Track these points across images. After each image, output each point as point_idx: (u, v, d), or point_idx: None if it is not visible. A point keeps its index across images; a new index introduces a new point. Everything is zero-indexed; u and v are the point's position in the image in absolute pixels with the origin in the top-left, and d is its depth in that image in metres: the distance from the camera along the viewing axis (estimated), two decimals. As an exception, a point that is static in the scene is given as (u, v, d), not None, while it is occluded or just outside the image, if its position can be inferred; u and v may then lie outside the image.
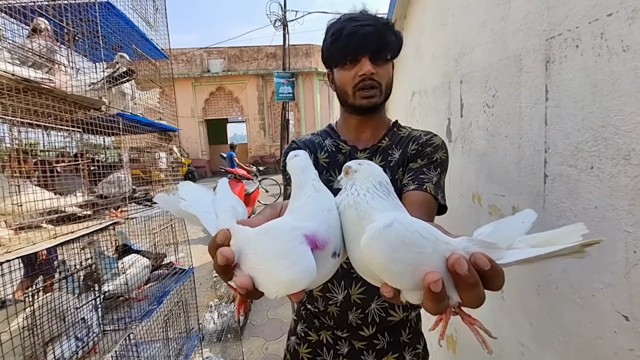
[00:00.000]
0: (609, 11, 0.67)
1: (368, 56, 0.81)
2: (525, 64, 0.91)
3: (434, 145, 0.89)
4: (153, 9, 1.51)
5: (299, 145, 0.97)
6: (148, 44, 1.49)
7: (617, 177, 0.68)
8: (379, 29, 0.80)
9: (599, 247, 0.74)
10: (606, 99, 0.69)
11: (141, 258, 1.43)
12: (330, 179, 0.92)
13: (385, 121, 0.97)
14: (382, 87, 0.84)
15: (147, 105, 1.60)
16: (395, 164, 0.89)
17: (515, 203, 1.01)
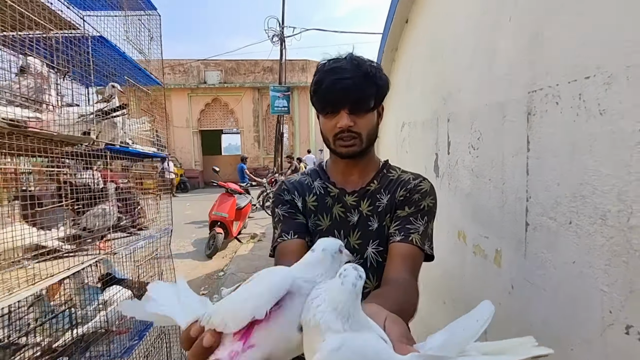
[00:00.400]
0: (587, 74, 0.69)
1: (347, 109, 0.82)
2: (508, 113, 0.93)
3: (422, 192, 0.88)
4: (148, 38, 1.52)
5: (289, 187, 0.96)
6: (141, 72, 1.50)
7: (594, 235, 0.69)
8: (357, 81, 0.80)
9: (577, 301, 0.75)
10: (584, 158, 0.70)
11: (124, 290, 1.38)
12: (319, 223, 0.91)
13: (374, 162, 0.97)
14: (363, 136, 0.84)
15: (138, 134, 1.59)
16: (383, 209, 0.88)
17: (499, 246, 1.02)
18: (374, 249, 0.88)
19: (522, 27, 0.87)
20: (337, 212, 0.91)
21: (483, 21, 1.04)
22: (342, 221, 0.91)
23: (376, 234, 0.88)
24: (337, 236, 0.89)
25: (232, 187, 6.73)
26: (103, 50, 1.23)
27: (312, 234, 0.91)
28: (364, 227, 0.89)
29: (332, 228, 0.91)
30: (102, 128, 1.19)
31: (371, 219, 0.89)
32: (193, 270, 5.19)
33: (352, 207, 0.91)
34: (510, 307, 0.96)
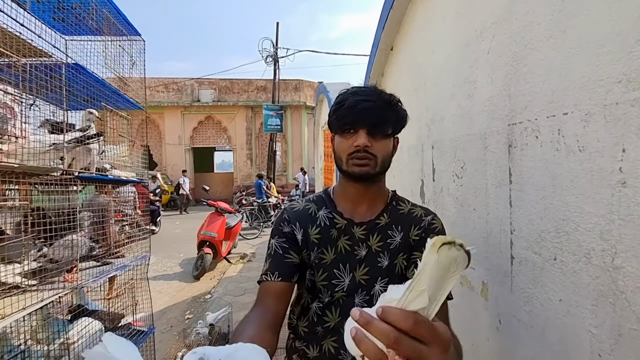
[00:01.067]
0: (565, 110, 0.69)
1: (365, 129, 0.82)
2: (490, 144, 0.92)
3: (436, 232, 0.87)
4: (129, 63, 1.51)
5: (290, 217, 0.92)
6: (121, 97, 1.47)
7: (579, 273, 0.67)
8: (379, 105, 0.82)
9: (566, 342, 0.72)
10: (565, 194, 0.69)
11: (95, 322, 1.30)
12: (322, 257, 0.88)
13: (383, 193, 0.94)
14: (378, 159, 0.83)
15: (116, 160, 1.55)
16: (396, 248, 0.86)
17: (485, 279, 0.99)
18: (382, 287, 0.85)
19: (501, 61, 0.88)
20: (343, 245, 0.88)
21: (463, 53, 1.05)
22: (348, 255, 0.87)
23: (386, 272, 0.85)
24: (342, 270, 0.87)
25: (222, 206, 6.63)
26: (80, 76, 1.20)
27: (315, 267, 0.88)
28: (373, 263, 0.86)
29: (337, 262, 0.87)
30: (75, 155, 1.15)
31: (381, 255, 0.86)
32: (179, 293, 5.01)
33: (360, 240, 0.88)
34: (498, 343, 0.93)
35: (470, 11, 1.03)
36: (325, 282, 0.86)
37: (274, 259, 0.89)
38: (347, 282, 0.85)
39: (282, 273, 0.86)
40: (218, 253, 5.94)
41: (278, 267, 0.87)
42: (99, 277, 1.25)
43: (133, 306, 1.55)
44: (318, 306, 0.87)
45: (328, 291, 0.86)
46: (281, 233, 0.91)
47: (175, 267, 6.33)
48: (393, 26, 1.61)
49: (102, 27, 1.36)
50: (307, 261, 0.89)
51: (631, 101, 0.57)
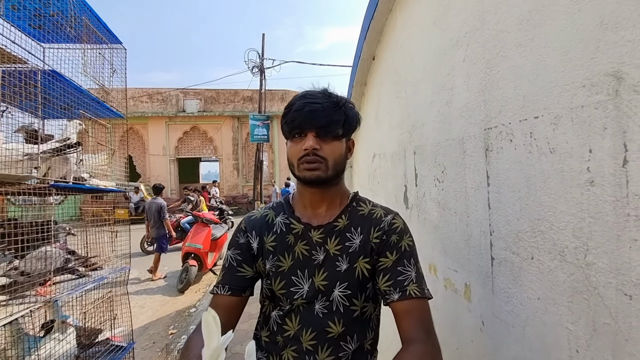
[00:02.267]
0: (536, 114, 0.72)
1: (313, 132, 0.81)
2: (468, 148, 0.95)
3: (398, 232, 0.84)
4: (110, 71, 1.50)
5: (247, 226, 0.91)
6: (101, 105, 1.45)
7: (555, 271, 0.69)
8: (326, 107, 0.81)
9: (545, 339, 0.73)
10: (539, 194, 0.71)
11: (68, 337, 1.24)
12: (279, 264, 0.85)
13: (343, 195, 0.92)
14: (329, 162, 0.82)
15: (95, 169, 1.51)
16: (356, 251, 0.84)
17: (468, 281, 1.00)
18: (341, 292, 0.82)
19: (475, 68, 0.91)
20: (301, 250, 0.86)
21: (441, 61, 1.09)
22: (306, 260, 0.85)
23: (345, 276, 0.82)
24: (300, 277, 0.84)
25: (208, 217, 6.53)
26: (57, 84, 1.18)
27: (273, 275, 0.85)
28: (331, 267, 0.84)
29: (294, 268, 0.85)
30: (51, 164, 1.12)
31: (339, 259, 0.84)
32: (162, 307, 4.87)
33: (318, 244, 0.85)
34: (482, 344, 0.94)
35: (446, 22, 1.07)
36: (284, 290, 0.84)
37: (227, 272, 0.88)
38: (306, 288, 0.83)
39: (232, 287, 0.86)
40: (203, 265, 5.82)
41: (229, 281, 0.87)
42: (74, 290, 1.20)
43: (111, 320, 1.49)
44: (278, 314, 0.86)
45: (287, 299, 0.84)
46: (237, 244, 0.89)
47: (158, 281, 6.15)
48: (374, 36, 1.65)
49: (81, 34, 1.35)
50: (263, 270, 0.87)
51: (595, 104, 0.60)
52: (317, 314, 0.82)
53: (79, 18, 1.29)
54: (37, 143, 1.09)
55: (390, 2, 1.45)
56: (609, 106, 0.57)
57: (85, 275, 1.33)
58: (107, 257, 1.51)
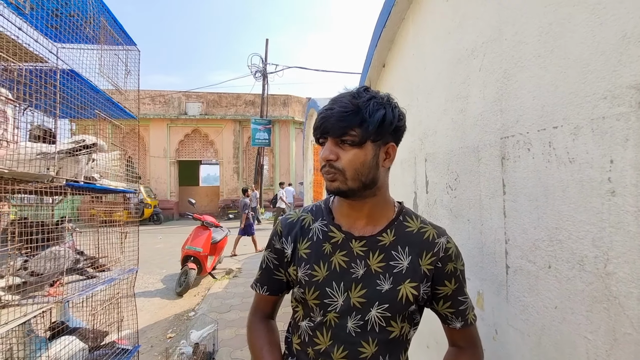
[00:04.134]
0: (555, 124, 0.73)
1: (332, 140, 0.75)
2: (483, 156, 0.96)
3: (453, 258, 0.80)
4: (124, 72, 1.51)
5: (283, 230, 0.86)
6: (115, 105, 1.46)
7: (573, 280, 0.69)
8: (338, 112, 0.74)
9: (562, 349, 0.73)
10: (558, 203, 0.72)
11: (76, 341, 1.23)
12: (314, 274, 0.79)
13: (386, 207, 0.83)
14: (346, 174, 0.74)
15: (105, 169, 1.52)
16: (402, 273, 0.78)
17: (480, 289, 1.00)
18: (379, 313, 0.76)
19: (492, 78, 0.92)
20: (338, 261, 0.79)
21: (455, 70, 1.10)
22: (343, 272, 0.79)
23: (386, 296, 0.77)
24: (335, 289, 0.78)
25: (208, 220, 6.51)
26: (74, 83, 1.19)
27: (306, 284, 0.80)
28: (371, 285, 0.77)
29: (329, 280, 0.79)
30: (63, 164, 1.12)
31: (381, 277, 0.77)
32: (160, 310, 4.82)
33: (359, 257, 0.79)
34: (495, 354, 0.93)
35: (461, 31, 1.09)
36: (317, 300, 0.79)
37: (264, 273, 0.89)
38: (340, 302, 0.77)
39: (270, 288, 0.88)
40: (203, 268, 5.78)
41: (267, 282, 0.88)
42: (84, 290, 1.19)
43: (119, 323, 1.48)
44: (309, 325, 0.81)
45: (320, 310, 0.79)
46: (274, 248, 0.87)
47: (157, 284, 6.11)
48: (385, 44, 1.67)
49: (98, 35, 1.36)
50: (294, 277, 0.83)
51: (617, 115, 0.61)
52: (350, 331, 0.77)
53: (97, 19, 1.31)
54: (52, 142, 1.10)
55: (403, 12, 1.47)
56: (631, 118, 0.58)
57: (94, 276, 1.32)
58: (116, 258, 1.51)
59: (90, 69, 1.33)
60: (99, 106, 1.36)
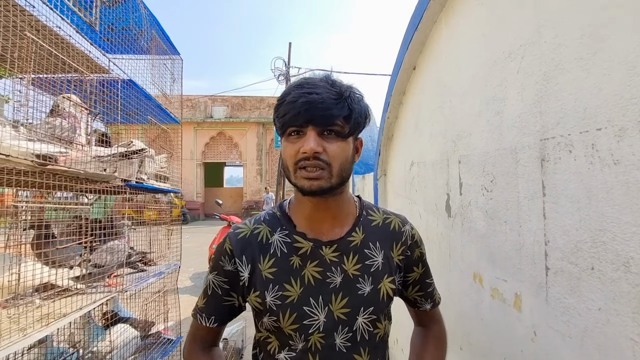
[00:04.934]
0: (598, 126, 0.73)
1: (315, 130, 0.65)
2: (521, 158, 0.97)
3: (419, 244, 0.83)
4: (170, 79, 1.63)
5: (234, 249, 0.74)
6: (162, 111, 1.58)
7: (618, 282, 0.69)
8: (327, 97, 0.64)
9: (606, 351, 0.73)
10: (601, 205, 0.72)
11: (130, 329, 1.34)
12: (286, 295, 0.70)
13: (350, 204, 0.78)
14: (333, 168, 0.66)
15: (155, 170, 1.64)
16: (379, 270, 0.74)
17: (518, 290, 1.01)
18: (365, 319, 0.72)
19: (531, 80, 0.93)
20: (312, 273, 0.71)
21: (491, 72, 1.11)
22: (320, 285, 0.71)
23: (369, 299, 0.72)
24: (313, 306, 0.70)
25: (235, 220, 6.70)
26: (130, 91, 1.31)
27: (278, 309, 0.69)
28: (352, 291, 0.72)
29: (305, 297, 0.70)
30: (120, 166, 1.23)
31: (361, 280, 0.72)
32: (190, 307, 4.99)
33: (333, 263, 0.72)
34: (534, 355, 0.93)
35: (497, 34, 1.09)
36: (296, 324, 0.69)
37: (211, 300, 0.77)
38: (322, 319, 0.70)
39: (219, 318, 0.77)
40: (229, 267, 5.97)
41: (215, 311, 0.76)
42: (139, 282, 1.30)
43: (165, 314, 1.59)
44: (290, 356, 0.70)
45: (301, 335, 0.69)
46: (221, 270, 0.74)
47: (185, 281, 6.36)
48: (417, 47, 1.69)
49: (150, 46, 1.48)
50: (259, 305, 0.71)
51: (665, 118, 0.61)
52: (340, 349, 0.70)
53: (149, 31, 1.42)
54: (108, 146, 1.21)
55: (436, 14, 1.49)
56: (681, 120, 0.58)
57: (143, 270, 1.43)
58: (163, 254, 1.62)
59: (143, 77, 1.45)
60: (150, 112, 1.48)
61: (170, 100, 1.63)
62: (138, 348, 1.36)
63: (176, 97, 1.71)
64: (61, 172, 0.93)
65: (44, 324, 0.83)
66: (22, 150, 0.80)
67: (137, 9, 1.31)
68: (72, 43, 0.99)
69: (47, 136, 0.95)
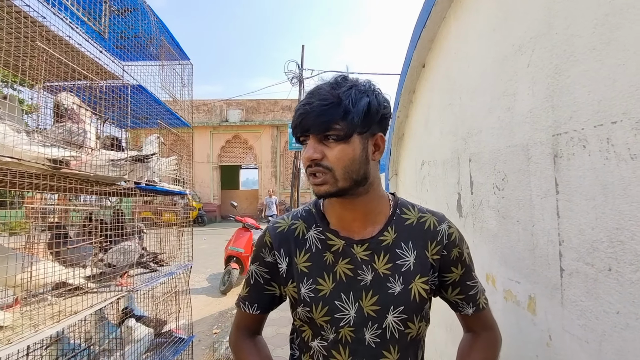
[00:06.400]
0: (613, 119, 0.69)
1: (315, 138, 0.68)
2: (533, 155, 0.93)
3: (457, 243, 0.79)
4: (180, 84, 1.66)
5: (273, 242, 0.78)
6: (172, 115, 1.62)
7: (637, 284, 0.65)
8: (316, 105, 0.66)
9: (626, 355, 0.69)
10: (618, 202, 0.68)
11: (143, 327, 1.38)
12: (319, 288, 0.73)
13: (381, 202, 0.78)
14: (335, 173, 0.68)
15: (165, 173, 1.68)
16: (411, 270, 0.74)
17: (532, 292, 0.97)
18: (395, 317, 0.73)
19: (542, 74, 0.89)
20: (343, 270, 0.74)
21: (501, 67, 1.08)
22: (350, 282, 0.74)
23: (399, 299, 0.73)
24: (344, 301, 0.73)
25: (250, 222, 6.76)
26: (140, 96, 1.34)
27: (311, 301, 0.73)
28: (382, 289, 0.73)
29: (337, 292, 0.73)
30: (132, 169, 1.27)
31: (391, 279, 0.73)
32: (206, 307, 5.09)
33: (364, 262, 0.74)
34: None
35: (506, 27, 1.06)
36: (327, 317, 0.73)
37: (253, 289, 0.81)
38: (352, 314, 0.72)
39: (261, 306, 0.81)
40: (244, 268, 6.02)
41: (257, 300, 0.81)
42: (150, 282, 1.33)
43: (177, 313, 1.62)
44: (322, 345, 0.74)
45: (332, 327, 0.73)
46: (262, 261, 0.80)
47: (202, 282, 6.46)
48: (425, 44, 1.66)
49: (159, 52, 1.52)
50: (295, 295, 0.76)
51: (686, 108, 0.57)
52: (369, 344, 0.73)
53: (159, 38, 1.46)
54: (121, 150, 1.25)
55: (444, 10, 1.46)
56: (703, 110, 0.55)
57: (155, 270, 1.46)
58: (174, 255, 1.65)
59: (153, 83, 1.48)
60: (160, 117, 1.51)
61: (180, 104, 1.67)
62: (150, 346, 1.39)
63: (187, 102, 1.74)
64: (72, 174, 0.97)
65: (55, 320, 0.86)
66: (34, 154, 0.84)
67: (146, 16, 1.35)
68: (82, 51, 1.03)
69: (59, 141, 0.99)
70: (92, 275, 1.13)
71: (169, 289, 1.60)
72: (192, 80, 1.75)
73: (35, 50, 0.85)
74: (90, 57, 1.09)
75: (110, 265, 1.22)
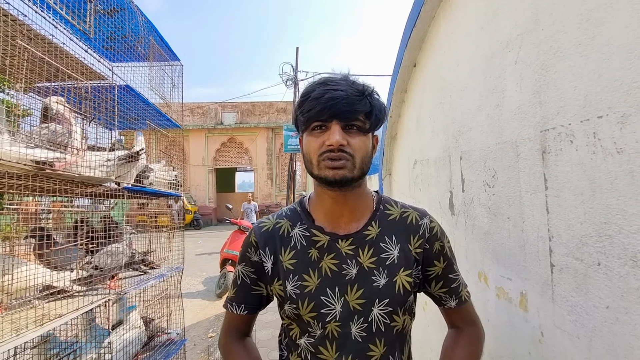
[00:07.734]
0: (599, 113, 0.70)
1: (339, 124, 0.69)
2: (522, 151, 0.93)
3: (439, 237, 0.80)
4: (170, 85, 1.65)
5: (258, 241, 0.80)
6: (163, 116, 1.60)
7: (626, 278, 0.65)
8: (350, 94, 0.69)
9: (616, 351, 0.69)
10: (606, 197, 0.69)
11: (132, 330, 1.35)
12: (304, 284, 0.74)
13: (367, 198, 0.81)
14: (356, 160, 0.70)
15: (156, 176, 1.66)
16: (395, 264, 0.76)
17: (524, 289, 0.97)
18: (381, 310, 0.74)
19: (529, 70, 0.89)
20: (328, 265, 0.75)
21: (489, 64, 1.08)
22: (336, 276, 0.75)
23: (384, 292, 0.74)
24: (330, 296, 0.74)
25: (245, 225, 6.73)
26: (128, 97, 1.32)
27: (297, 298, 0.74)
28: (367, 283, 0.74)
29: (322, 287, 0.74)
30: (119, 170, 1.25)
31: (376, 273, 0.75)
32: (202, 311, 5.05)
33: (349, 257, 0.76)
34: (542, 357, 0.89)
35: (495, 25, 1.06)
36: (314, 312, 0.74)
37: (240, 289, 0.82)
38: (338, 308, 0.73)
39: (248, 307, 0.82)
40: (241, 271, 5.99)
41: (245, 300, 0.82)
42: (140, 284, 1.31)
43: (167, 316, 1.60)
44: (309, 342, 0.75)
45: (319, 323, 0.74)
46: (248, 261, 0.81)
47: (197, 285, 6.41)
48: (416, 43, 1.66)
49: (148, 53, 1.51)
50: (282, 293, 0.77)
51: (669, 101, 0.57)
52: (356, 338, 0.74)
53: (147, 38, 1.45)
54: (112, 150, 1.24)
55: (434, 10, 1.46)
56: (686, 102, 0.55)
57: (146, 272, 1.44)
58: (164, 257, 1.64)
59: (142, 83, 1.47)
60: (149, 117, 1.50)
61: (170, 105, 1.66)
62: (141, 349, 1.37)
63: (177, 103, 1.73)
64: (56, 175, 0.95)
65: (38, 324, 0.84)
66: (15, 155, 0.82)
67: (134, 17, 1.33)
68: (66, 50, 1.01)
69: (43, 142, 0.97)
70: (78, 278, 1.11)
71: (160, 292, 1.58)
72: (182, 81, 1.74)
73: (16, 49, 0.83)
74: (75, 57, 1.07)
75: (97, 268, 1.20)
